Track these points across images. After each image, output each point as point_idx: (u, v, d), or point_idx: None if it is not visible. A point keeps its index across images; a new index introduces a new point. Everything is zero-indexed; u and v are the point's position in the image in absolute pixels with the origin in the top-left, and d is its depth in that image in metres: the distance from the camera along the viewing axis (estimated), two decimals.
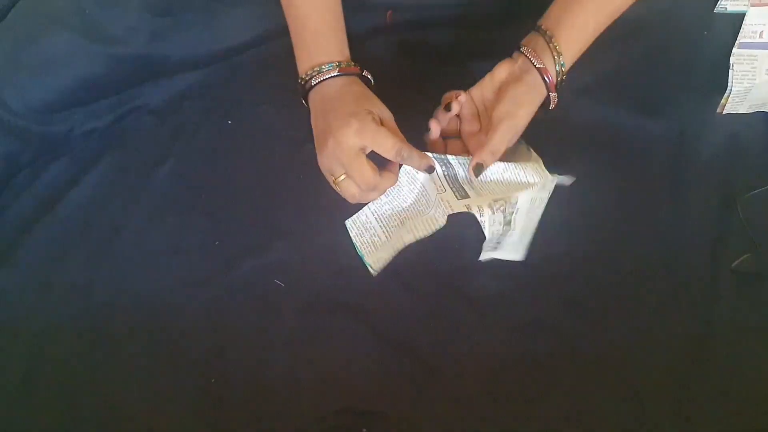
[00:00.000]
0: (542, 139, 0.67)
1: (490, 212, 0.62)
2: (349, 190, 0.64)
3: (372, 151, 0.62)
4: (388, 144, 0.61)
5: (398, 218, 0.67)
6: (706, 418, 0.61)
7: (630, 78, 0.77)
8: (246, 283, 0.72)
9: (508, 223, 0.63)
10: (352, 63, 0.69)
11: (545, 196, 0.66)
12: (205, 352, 0.68)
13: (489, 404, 0.63)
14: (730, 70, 0.72)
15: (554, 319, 0.67)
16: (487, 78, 0.67)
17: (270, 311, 0.70)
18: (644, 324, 0.66)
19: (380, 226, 0.67)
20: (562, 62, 0.64)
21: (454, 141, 0.70)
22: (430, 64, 0.84)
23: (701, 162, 0.73)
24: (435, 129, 0.68)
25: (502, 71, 0.67)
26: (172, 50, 0.83)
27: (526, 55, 0.65)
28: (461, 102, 0.68)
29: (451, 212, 0.64)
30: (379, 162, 0.64)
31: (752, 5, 0.70)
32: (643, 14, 0.75)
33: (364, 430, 0.63)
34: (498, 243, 0.66)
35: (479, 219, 0.62)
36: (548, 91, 0.65)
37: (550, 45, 0.64)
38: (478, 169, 0.63)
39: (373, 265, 0.66)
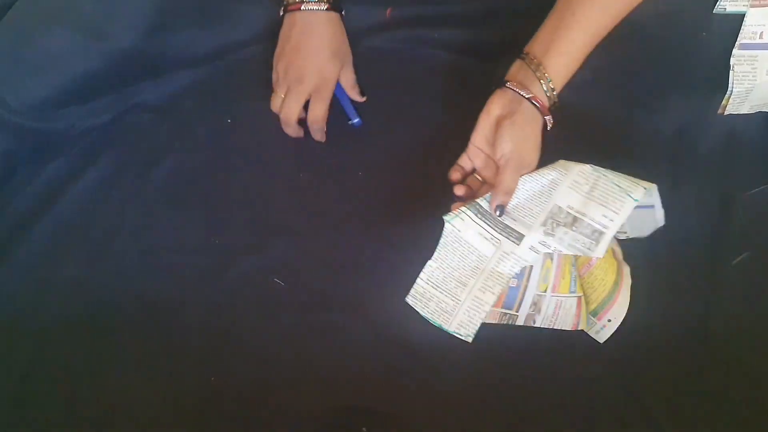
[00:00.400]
0: (542, 136, 0.67)
1: (551, 239, 0.62)
2: (289, 104, 0.74)
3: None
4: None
5: (454, 280, 0.65)
6: (706, 416, 0.61)
7: (629, 78, 0.77)
8: (245, 281, 0.72)
9: (592, 233, 0.61)
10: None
11: (577, 169, 0.64)
12: (204, 350, 0.68)
13: (489, 403, 0.64)
14: (731, 71, 0.72)
15: None
16: (483, 117, 0.67)
17: (269, 310, 0.70)
18: (643, 322, 0.66)
19: (439, 291, 0.65)
20: (552, 87, 0.65)
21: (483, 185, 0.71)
22: (430, 61, 0.84)
23: (700, 161, 0.73)
24: (459, 192, 0.69)
25: (495, 108, 0.66)
26: (170, 48, 0.83)
27: (513, 90, 0.65)
28: (464, 170, 0.70)
29: (524, 263, 0.63)
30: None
31: (752, 6, 0.70)
32: (641, 14, 0.75)
33: (364, 429, 0.63)
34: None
35: (550, 250, 0.62)
36: (542, 115, 0.66)
37: (537, 74, 0.65)
38: (498, 210, 0.64)
39: (459, 332, 0.64)
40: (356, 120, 0.79)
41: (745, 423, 0.61)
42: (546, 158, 0.67)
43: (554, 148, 0.66)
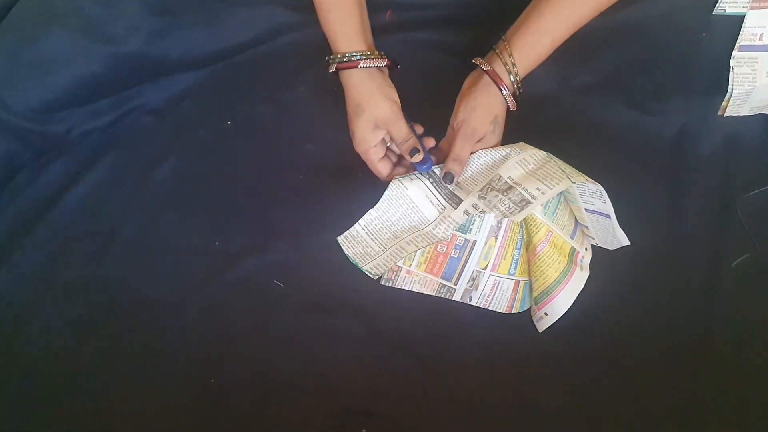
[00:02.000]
0: (542, 139, 0.67)
1: (482, 202, 0.62)
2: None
3: None
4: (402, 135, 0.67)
5: (389, 232, 0.68)
6: (706, 415, 0.61)
7: (629, 79, 0.77)
8: (246, 283, 0.72)
9: (509, 190, 0.62)
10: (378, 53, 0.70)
11: (529, 151, 0.64)
12: (204, 351, 0.68)
13: (488, 404, 0.64)
14: (731, 73, 0.72)
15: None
16: (458, 98, 0.69)
17: (270, 311, 0.70)
18: (643, 322, 0.66)
19: (372, 239, 0.68)
20: (513, 62, 0.65)
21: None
22: (430, 63, 0.84)
23: (701, 162, 0.73)
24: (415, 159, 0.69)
25: (465, 84, 0.69)
26: (171, 50, 0.83)
27: (476, 64, 0.67)
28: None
29: (456, 226, 0.65)
30: None
31: (752, 7, 0.70)
32: (641, 16, 0.75)
33: (364, 430, 0.63)
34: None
35: (477, 213, 0.63)
36: (500, 89, 0.66)
37: (497, 50, 0.66)
38: (448, 177, 0.66)
39: (371, 271, 0.67)
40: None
41: (746, 423, 0.61)
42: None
43: (555, 149, 0.66)
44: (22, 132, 0.78)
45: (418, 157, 0.66)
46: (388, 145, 0.70)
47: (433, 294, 0.69)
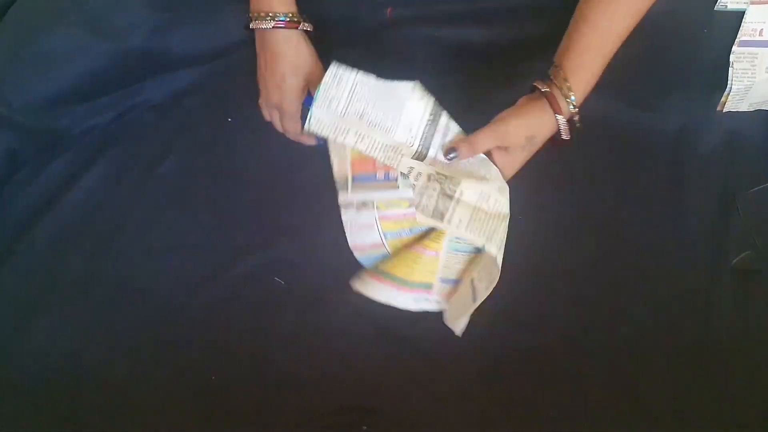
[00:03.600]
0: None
1: (425, 179, 0.61)
2: (279, 125, 0.74)
3: None
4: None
5: (358, 115, 0.63)
6: (707, 414, 0.61)
7: (630, 75, 0.77)
8: (247, 280, 0.72)
9: (448, 199, 0.60)
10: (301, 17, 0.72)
11: (502, 200, 0.62)
12: (206, 349, 0.69)
13: (490, 401, 0.64)
14: (730, 68, 0.72)
15: (555, 316, 0.67)
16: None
17: (271, 309, 0.70)
18: (644, 320, 0.66)
19: (348, 99, 0.64)
20: (568, 86, 0.63)
21: None
22: (430, 60, 0.84)
23: (701, 159, 0.73)
24: None
25: (521, 100, 0.66)
26: (173, 46, 0.83)
27: (535, 86, 0.64)
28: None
29: (399, 164, 0.62)
30: None
31: (752, 3, 0.70)
32: None
33: (365, 427, 0.63)
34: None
35: (411, 181, 0.61)
36: (555, 115, 0.63)
37: (559, 83, 0.63)
38: (450, 152, 0.63)
39: (310, 120, 0.63)
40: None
41: (746, 423, 0.61)
42: (546, 156, 0.67)
43: (555, 148, 0.66)
44: (24, 128, 0.79)
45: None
46: None
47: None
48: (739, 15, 0.71)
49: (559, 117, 0.63)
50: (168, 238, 0.75)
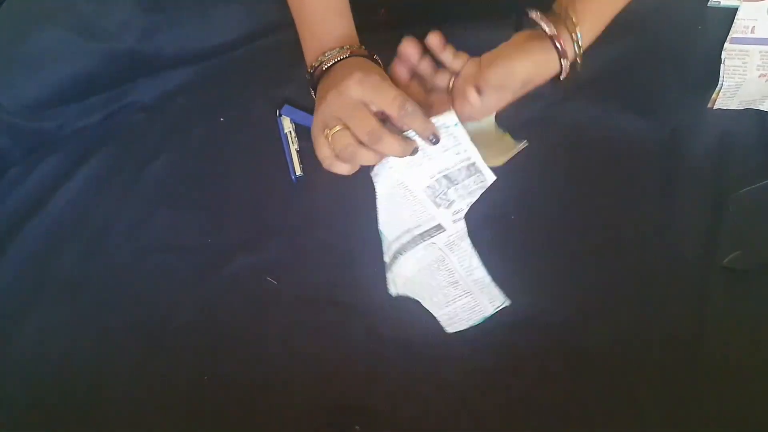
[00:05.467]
0: (533, 136, 0.66)
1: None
2: (342, 140, 0.55)
3: None
4: (390, 94, 0.55)
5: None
6: (698, 412, 0.61)
7: (622, 73, 0.77)
8: (238, 280, 0.72)
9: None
10: (362, 47, 0.64)
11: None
12: (197, 349, 0.68)
13: (483, 401, 0.64)
14: (722, 65, 0.72)
15: (549, 316, 0.67)
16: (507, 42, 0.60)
17: (263, 309, 0.70)
18: (636, 320, 0.66)
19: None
20: (578, 33, 0.58)
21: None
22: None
23: (693, 159, 0.73)
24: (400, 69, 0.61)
25: (518, 36, 0.60)
26: (164, 46, 0.82)
27: (537, 21, 0.58)
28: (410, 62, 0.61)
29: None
30: None
31: (744, 0, 0.70)
32: (635, 9, 0.74)
33: (357, 427, 0.63)
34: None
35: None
36: (560, 57, 0.58)
37: (560, 15, 0.58)
38: (473, 94, 0.57)
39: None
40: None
41: (738, 420, 0.61)
42: (536, 157, 0.67)
43: (546, 148, 0.66)
44: (14, 129, 0.78)
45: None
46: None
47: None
48: (733, 11, 0.71)
49: (565, 62, 0.59)
50: (159, 238, 0.75)
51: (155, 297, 0.71)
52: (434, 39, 0.60)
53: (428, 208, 0.61)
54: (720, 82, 0.72)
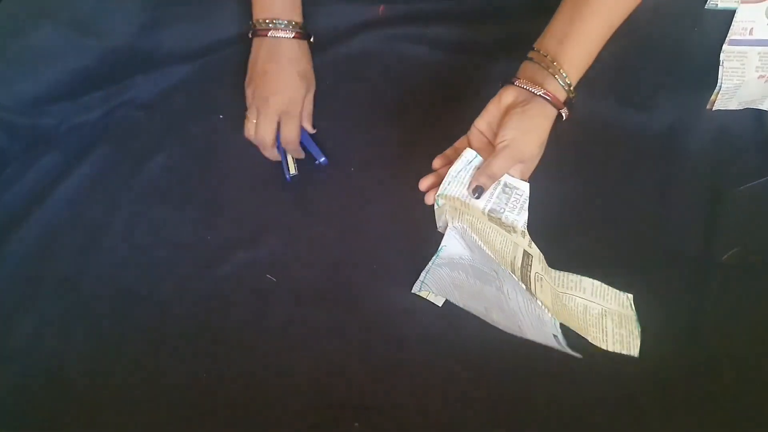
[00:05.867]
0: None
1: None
2: (249, 131, 0.75)
3: None
4: (294, 134, 0.74)
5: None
6: (695, 410, 0.61)
7: (620, 74, 0.77)
8: (237, 277, 0.71)
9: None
10: (304, 27, 0.76)
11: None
12: (195, 346, 0.68)
13: (481, 400, 0.64)
14: (720, 67, 0.72)
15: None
16: (493, 104, 0.64)
17: (261, 306, 0.70)
18: None
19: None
20: (568, 82, 0.62)
21: None
22: (422, 58, 0.84)
23: (691, 157, 0.74)
24: (423, 185, 0.66)
25: (508, 96, 0.63)
26: (162, 43, 0.82)
27: (523, 88, 0.62)
28: (449, 159, 0.66)
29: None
30: None
31: (742, 2, 0.70)
32: (633, 13, 0.75)
33: (356, 425, 0.63)
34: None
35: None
36: (556, 109, 0.62)
37: (550, 69, 0.61)
38: (477, 190, 0.61)
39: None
40: (322, 159, 0.78)
41: (738, 422, 0.61)
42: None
43: (547, 145, 0.66)
44: (11, 126, 0.78)
45: None
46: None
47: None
48: (730, 13, 0.72)
49: (562, 111, 0.62)
50: (157, 235, 0.75)
51: (153, 294, 0.71)
52: (424, 183, 0.65)
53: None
54: (719, 84, 0.73)
